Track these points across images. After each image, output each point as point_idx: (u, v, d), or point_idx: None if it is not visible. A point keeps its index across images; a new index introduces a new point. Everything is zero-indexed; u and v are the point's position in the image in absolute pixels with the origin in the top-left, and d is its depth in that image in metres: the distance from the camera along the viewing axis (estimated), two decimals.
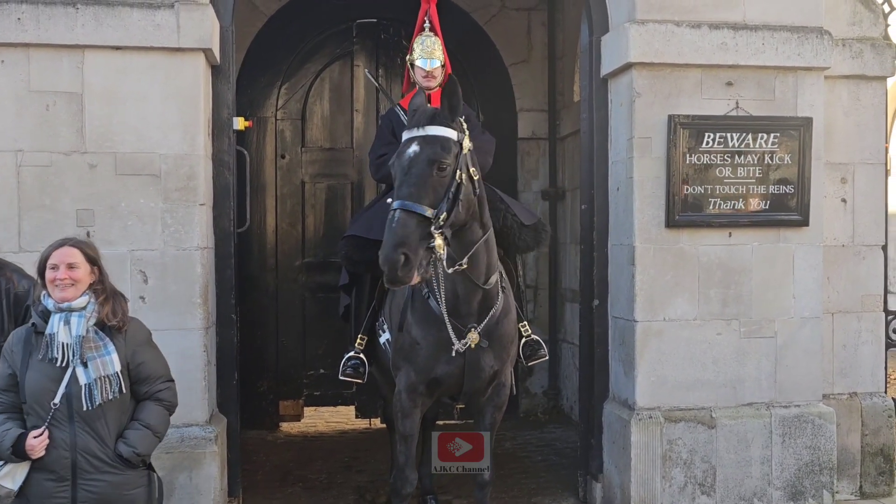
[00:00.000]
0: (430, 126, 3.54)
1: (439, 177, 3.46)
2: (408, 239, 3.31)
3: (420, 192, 3.39)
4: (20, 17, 4.32)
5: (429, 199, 3.40)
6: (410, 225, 3.33)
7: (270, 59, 7.10)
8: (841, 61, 5.15)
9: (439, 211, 3.41)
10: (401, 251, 3.28)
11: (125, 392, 3.27)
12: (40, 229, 4.39)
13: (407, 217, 3.34)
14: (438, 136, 3.52)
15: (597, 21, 5.10)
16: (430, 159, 3.45)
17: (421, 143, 3.50)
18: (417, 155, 3.47)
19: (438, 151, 3.47)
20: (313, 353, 7.23)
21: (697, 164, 4.80)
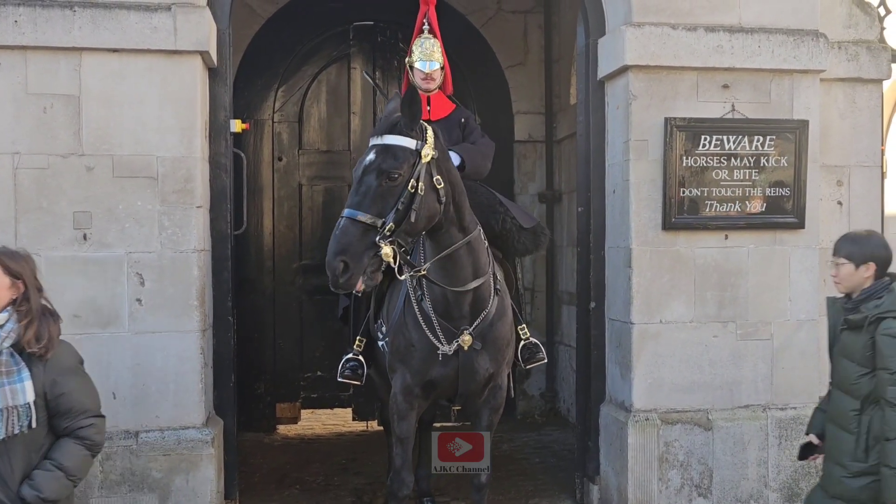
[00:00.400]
0: (387, 135, 3.56)
1: (388, 186, 3.47)
2: (349, 247, 3.35)
3: (365, 201, 3.43)
4: (17, 19, 4.32)
5: (375, 208, 3.43)
6: (352, 233, 3.38)
7: (267, 62, 7.11)
8: (837, 64, 5.17)
9: (386, 220, 3.43)
10: (339, 259, 3.34)
11: (37, 426, 2.89)
12: (38, 232, 4.39)
13: (350, 225, 3.39)
14: (392, 145, 3.53)
15: (593, 24, 5.11)
16: (380, 169, 3.48)
17: (376, 151, 3.54)
18: (370, 164, 3.51)
19: (389, 161, 3.49)
20: (310, 356, 7.23)
21: (694, 167, 4.82)
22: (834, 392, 3.50)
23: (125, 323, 4.44)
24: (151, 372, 4.47)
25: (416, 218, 3.50)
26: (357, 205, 3.43)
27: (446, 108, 4.84)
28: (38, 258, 4.32)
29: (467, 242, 3.84)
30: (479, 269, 3.94)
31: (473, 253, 3.90)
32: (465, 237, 3.83)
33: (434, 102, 4.80)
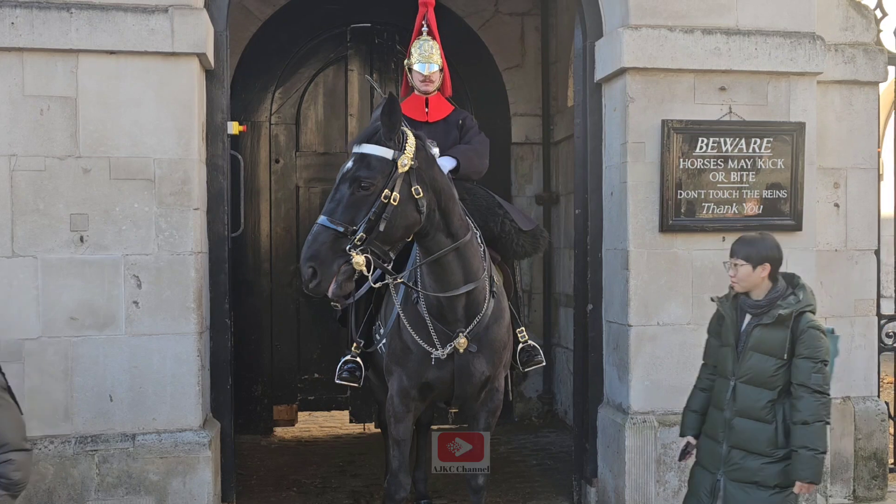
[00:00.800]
0: (365, 144, 3.58)
1: (361, 195, 3.49)
2: (318, 253, 3.40)
3: (338, 210, 3.47)
4: (14, 21, 4.32)
5: (347, 216, 3.46)
6: (322, 240, 3.42)
7: (265, 64, 7.10)
8: (833, 66, 5.17)
9: (357, 229, 3.45)
10: (309, 265, 3.39)
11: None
12: (34, 234, 4.39)
13: (321, 231, 3.43)
14: (368, 154, 3.55)
15: (590, 26, 5.12)
16: (354, 178, 3.51)
17: (354, 160, 3.57)
18: (346, 172, 3.55)
19: (363, 171, 3.52)
20: (307, 358, 7.23)
21: (691, 169, 4.82)
22: (740, 387, 3.62)
23: (122, 325, 4.43)
24: (148, 374, 4.46)
25: (386, 227, 3.51)
26: (330, 212, 3.47)
27: (445, 110, 4.83)
28: (34, 260, 4.36)
29: (455, 248, 3.84)
30: (471, 273, 3.93)
31: (463, 258, 3.89)
32: (453, 242, 3.84)
33: (432, 104, 4.79)
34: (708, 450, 3.74)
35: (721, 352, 3.73)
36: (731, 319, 3.69)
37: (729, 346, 3.68)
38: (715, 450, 3.69)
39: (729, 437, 3.65)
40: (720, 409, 3.70)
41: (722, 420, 3.68)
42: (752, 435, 3.60)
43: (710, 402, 3.78)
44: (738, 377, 3.64)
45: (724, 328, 3.72)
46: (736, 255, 3.65)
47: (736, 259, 3.64)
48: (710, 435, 3.74)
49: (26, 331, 4.34)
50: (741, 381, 3.63)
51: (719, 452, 3.67)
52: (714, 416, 3.73)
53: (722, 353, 3.72)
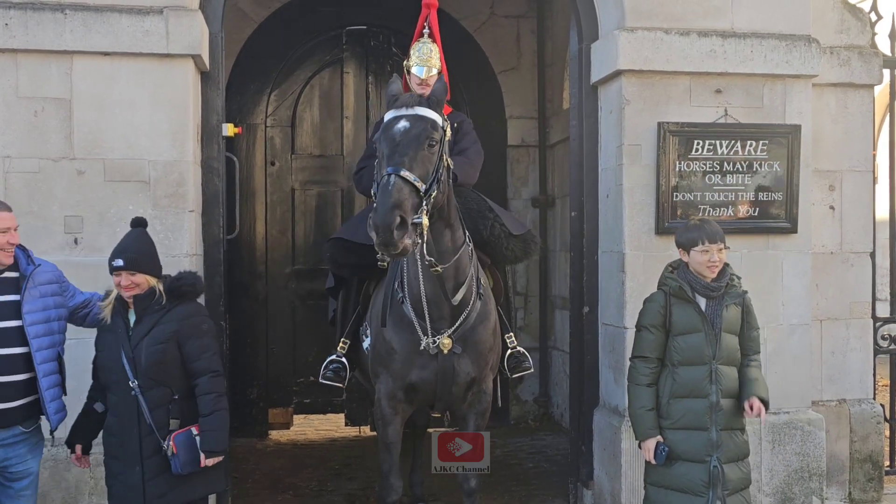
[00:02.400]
0: (418, 107, 3.57)
1: (429, 153, 3.48)
2: (403, 203, 3.26)
3: (412, 164, 3.39)
4: (8, 22, 4.30)
5: (419, 170, 3.39)
6: (404, 190, 3.30)
7: (260, 66, 7.10)
8: (829, 69, 5.18)
9: (430, 187, 3.42)
10: (397, 213, 3.23)
11: None
12: (28, 236, 4.33)
13: (402, 182, 3.31)
14: (427, 116, 3.54)
15: (586, 28, 5.12)
16: (422, 134, 3.47)
17: (411, 119, 3.52)
18: (408, 130, 3.48)
19: (428, 129, 3.50)
20: (303, 361, 7.20)
21: (687, 172, 4.82)
22: (721, 369, 3.67)
23: None
24: None
25: (442, 193, 3.55)
26: (406, 164, 3.35)
27: None
28: None
29: (455, 252, 3.84)
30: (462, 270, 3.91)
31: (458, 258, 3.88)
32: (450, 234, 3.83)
33: None
34: (691, 441, 3.66)
35: (685, 341, 3.68)
36: (695, 306, 3.70)
37: (699, 332, 3.68)
38: (701, 438, 3.65)
39: (718, 421, 3.66)
40: (701, 397, 3.66)
41: (707, 406, 3.65)
42: (734, 413, 3.70)
43: (673, 394, 3.69)
44: (718, 360, 3.67)
45: (687, 315, 3.69)
46: (719, 240, 3.71)
47: (720, 244, 3.71)
48: (691, 425, 3.67)
49: None
50: (720, 364, 3.68)
51: (709, 439, 3.65)
52: (692, 405, 3.67)
53: (689, 341, 3.68)
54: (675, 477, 3.69)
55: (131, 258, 3.52)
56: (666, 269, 3.88)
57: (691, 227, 3.83)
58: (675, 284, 3.73)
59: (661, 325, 3.73)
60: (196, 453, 3.47)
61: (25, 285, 3.54)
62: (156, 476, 3.48)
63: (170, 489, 3.49)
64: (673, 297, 3.73)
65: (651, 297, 3.85)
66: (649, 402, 3.73)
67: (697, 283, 3.72)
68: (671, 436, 3.70)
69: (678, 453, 3.68)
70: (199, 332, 3.52)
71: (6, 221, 3.52)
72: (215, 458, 3.51)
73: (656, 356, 3.75)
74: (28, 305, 3.53)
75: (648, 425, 3.72)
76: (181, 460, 3.45)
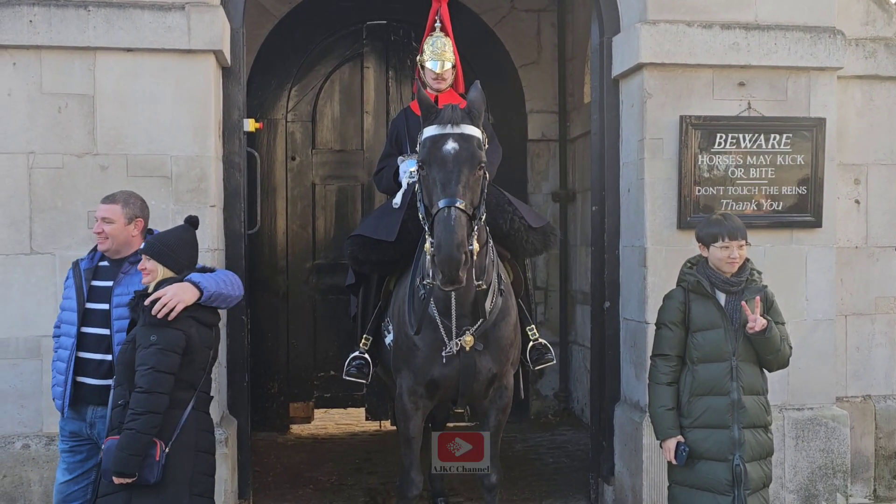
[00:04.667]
0: (464, 125, 3.58)
1: (479, 176, 3.54)
2: (465, 238, 3.36)
3: (465, 191, 3.44)
4: (32, 19, 4.34)
5: (471, 196, 3.47)
6: (465, 224, 3.38)
7: (281, 61, 7.11)
8: (854, 61, 5.12)
9: (479, 211, 3.48)
10: (463, 251, 3.31)
11: None
12: (52, 231, 4.41)
13: (462, 215, 3.37)
14: (474, 136, 3.56)
15: (607, 22, 5.08)
16: (474, 158, 3.51)
17: (459, 140, 3.53)
18: (459, 153, 3.50)
19: (478, 152, 3.53)
20: (324, 355, 7.23)
21: (709, 166, 4.78)
22: (742, 366, 3.64)
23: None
24: None
25: (486, 211, 3.61)
26: (461, 193, 3.41)
27: None
28: (52, 257, 4.39)
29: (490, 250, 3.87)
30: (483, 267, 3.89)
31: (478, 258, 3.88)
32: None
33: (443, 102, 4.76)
34: (713, 440, 3.62)
35: (705, 337, 3.65)
36: (714, 301, 3.67)
37: (718, 328, 3.64)
38: (722, 437, 3.61)
39: (740, 419, 3.62)
40: (722, 394, 3.62)
41: (728, 404, 3.61)
42: (757, 410, 3.67)
43: (694, 392, 3.66)
44: (738, 356, 3.64)
45: (707, 311, 3.66)
46: (740, 237, 3.69)
47: (741, 240, 3.69)
48: (712, 423, 3.62)
49: (44, 327, 4.34)
50: (741, 361, 3.64)
51: (731, 437, 3.61)
52: (713, 402, 3.63)
53: (708, 337, 3.65)
54: (699, 476, 3.65)
55: (151, 243, 3.55)
56: (685, 264, 3.85)
57: (712, 223, 3.79)
58: (693, 280, 3.71)
59: (681, 321, 3.70)
60: None
61: (123, 270, 3.69)
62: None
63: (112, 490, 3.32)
64: (692, 293, 3.70)
65: (670, 293, 3.81)
66: (669, 401, 3.69)
67: (717, 279, 3.69)
68: (692, 434, 3.66)
69: (700, 452, 3.64)
70: (145, 342, 3.33)
71: (99, 212, 3.72)
72: (121, 479, 3.26)
73: (676, 354, 3.71)
74: (118, 289, 3.66)
75: (668, 425, 3.68)
76: (102, 467, 3.33)
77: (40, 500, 4.38)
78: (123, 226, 3.71)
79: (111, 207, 3.72)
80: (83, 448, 3.72)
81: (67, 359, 3.65)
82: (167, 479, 3.30)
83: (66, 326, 3.70)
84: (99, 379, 3.62)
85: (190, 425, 3.39)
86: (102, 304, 3.67)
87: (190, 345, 3.39)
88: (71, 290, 3.73)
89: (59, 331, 3.77)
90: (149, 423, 3.26)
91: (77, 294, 3.69)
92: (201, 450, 3.46)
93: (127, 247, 3.74)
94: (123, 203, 3.75)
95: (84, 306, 3.66)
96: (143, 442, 3.25)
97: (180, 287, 3.40)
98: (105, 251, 3.73)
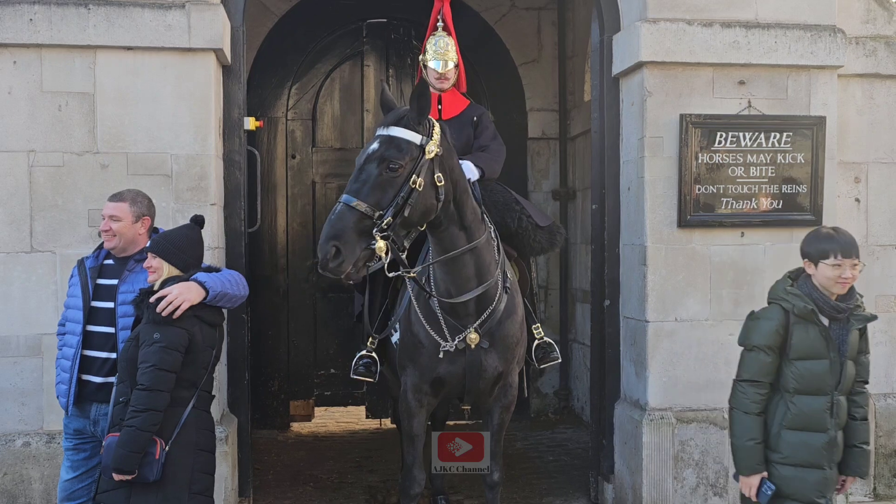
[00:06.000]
0: (393, 127, 3.53)
1: (389, 177, 3.43)
2: (343, 233, 3.30)
3: (364, 189, 3.39)
4: (32, 17, 4.34)
5: (373, 197, 3.39)
6: (347, 220, 3.33)
7: (281, 60, 7.12)
8: (854, 60, 5.11)
9: (384, 213, 3.39)
10: (332, 244, 3.28)
11: None
12: (53, 229, 4.41)
13: (346, 211, 3.34)
14: (398, 137, 3.50)
15: (608, 20, 5.08)
16: (382, 158, 3.44)
17: (380, 141, 3.50)
18: (373, 153, 3.47)
19: (393, 152, 3.45)
20: (324, 353, 7.24)
21: (709, 164, 4.78)
22: (840, 400, 3.33)
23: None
24: None
25: (409, 213, 3.47)
26: (356, 192, 3.38)
27: (458, 107, 4.81)
28: (53, 255, 4.39)
29: (472, 248, 3.83)
30: (484, 271, 3.91)
31: (478, 256, 3.88)
32: (466, 236, 3.82)
33: (446, 101, 4.77)
34: (804, 480, 3.28)
35: (806, 367, 3.27)
36: (821, 328, 3.28)
37: (823, 359, 3.27)
38: (815, 477, 3.29)
39: (833, 458, 3.32)
40: (820, 431, 3.29)
41: (825, 441, 3.29)
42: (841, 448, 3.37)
43: (787, 425, 3.30)
44: (839, 391, 3.31)
45: (811, 339, 3.27)
46: (854, 254, 3.29)
47: (854, 259, 3.28)
48: (805, 462, 3.28)
49: (45, 325, 4.36)
50: (840, 394, 3.32)
51: (824, 478, 3.30)
52: (808, 439, 3.28)
53: (810, 367, 3.27)
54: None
55: (157, 242, 3.56)
56: (784, 280, 3.43)
57: (822, 237, 3.37)
58: (802, 305, 3.28)
59: (779, 346, 3.29)
60: None
61: (128, 268, 3.70)
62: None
63: (112, 487, 3.32)
64: (794, 316, 3.29)
65: (765, 313, 3.38)
66: (758, 434, 3.31)
67: (825, 303, 3.28)
68: (780, 472, 3.30)
69: (787, 492, 3.29)
70: (148, 339, 3.33)
71: (107, 210, 3.73)
72: (121, 476, 3.26)
73: (769, 381, 3.32)
74: (123, 287, 3.66)
75: (756, 460, 3.30)
76: (102, 464, 3.33)
77: (41, 498, 4.39)
78: (131, 224, 3.72)
79: (119, 205, 3.73)
80: (87, 446, 3.73)
81: (73, 357, 3.65)
82: (167, 478, 3.30)
83: (72, 325, 3.71)
84: (103, 377, 3.64)
85: (190, 424, 3.39)
86: (108, 303, 3.67)
87: (193, 344, 3.39)
88: (76, 288, 3.73)
89: (64, 329, 3.77)
90: (149, 421, 3.26)
91: (83, 292, 3.70)
92: (201, 448, 3.45)
93: (133, 245, 3.75)
94: (131, 201, 3.75)
95: (90, 304, 3.67)
96: (143, 439, 3.25)
97: (186, 286, 3.40)
98: (112, 249, 3.74)
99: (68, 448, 3.76)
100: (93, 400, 3.66)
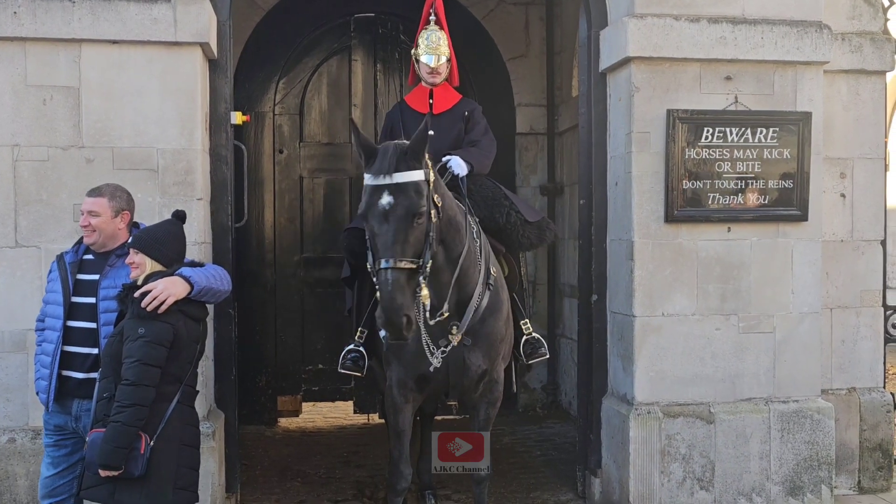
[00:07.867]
0: (397, 173, 3.44)
1: (418, 226, 3.43)
2: (406, 300, 3.34)
3: (405, 248, 3.38)
4: (16, 10, 4.30)
5: (413, 250, 3.40)
6: (402, 283, 3.34)
7: (268, 54, 7.08)
8: (840, 56, 5.14)
9: (424, 260, 3.42)
10: (403, 314, 3.31)
11: None
12: (37, 224, 4.38)
13: (399, 276, 3.34)
14: (409, 182, 3.43)
15: (595, 15, 5.08)
16: (409, 211, 3.40)
17: (393, 192, 3.41)
18: (393, 207, 3.39)
19: (414, 201, 3.41)
20: (312, 349, 7.23)
21: (696, 159, 4.80)
22: None
23: None
24: None
25: (437, 244, 3.54)
26: (400, 253, 3.35)
27: (450, 101, 4.81)
28: (38, 251, 4.36)
29: (455, 267, 3.83)
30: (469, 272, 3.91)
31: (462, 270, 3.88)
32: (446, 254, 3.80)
33: (437, 95, 4.76)
34: None
35: None
36: None
37: None
38: None
39: None
40: None
41: None
42: None
43: None
44: None
45: None
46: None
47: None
48: None
49: (30, 321, 4.31)
50: None
51: None
52: None
53: None
54: None
55: (139, 237, 3.54)
56: None
57: None
58: None
59: None
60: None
61: (109, 263, 3.67)
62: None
63: (97, 483, 3.31)
64: None
65: None
66: None
67: None
68: None
69: None
70: (133, 334, 3.31)
71: (85, 205, 3.70)
72: (107, 472, 3.23)
73: None
74: (105, 282, 3.63)
75: None
76: (87, 460, 3.32)
77: (26, 494, 4.37)
78: (110, 219, 3.69)
79: (98, 200, 3.69)
80: (68, 442, 3.70)
81: (52, 352, 3.62)
82: (151, 473, 3.28)
83: (51, 320, 3.68)
84: (85, 372, 3.60)
85: (175, 419, 3.38)
86: (89, 298, 3.64)
87: (177, 338, 3.38)
88: (56, 283, 3.70)
89: (43, 324, 3.74)
90: (135, 416, 3.24)
91: (63, 287, 3.66)
92: (186, 443, 3.44)
93: (113, 240, 3.72)
94: (110, 196, 3.72)
95: (70, 300, 3.64)
96: (129, 434, 3.24)
97: (171, 281, 3.38)
98: (91, 244, 3.71)
99: (49, 444, 3.72)
100: (74, 396, 3.63)
